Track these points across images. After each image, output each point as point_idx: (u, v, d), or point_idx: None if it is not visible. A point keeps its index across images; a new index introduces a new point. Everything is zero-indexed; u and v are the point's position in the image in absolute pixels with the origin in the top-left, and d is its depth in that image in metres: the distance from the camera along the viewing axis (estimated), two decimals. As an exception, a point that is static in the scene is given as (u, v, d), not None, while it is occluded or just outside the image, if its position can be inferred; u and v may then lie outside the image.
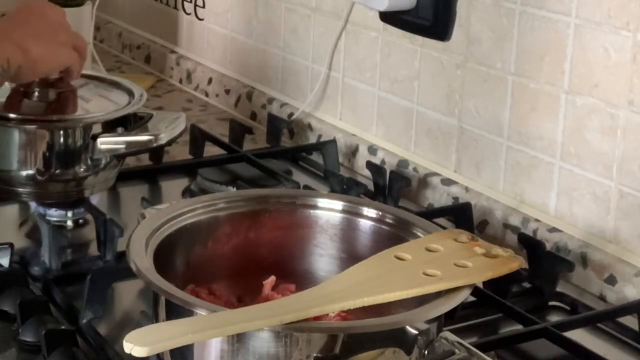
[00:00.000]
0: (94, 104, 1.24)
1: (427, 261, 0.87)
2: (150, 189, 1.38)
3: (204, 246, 0.96)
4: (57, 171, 1.19)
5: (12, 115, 1.18)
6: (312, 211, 0.99)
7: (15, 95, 1.22)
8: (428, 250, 0.89)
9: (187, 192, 1.36)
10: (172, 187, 1.39)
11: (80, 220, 1.25)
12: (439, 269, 0.85)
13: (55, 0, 1.78)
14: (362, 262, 0.87)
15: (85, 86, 1.28)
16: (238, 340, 0.78)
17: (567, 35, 1.18)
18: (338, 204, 0.99)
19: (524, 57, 1.24)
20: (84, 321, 1.01)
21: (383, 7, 1.35)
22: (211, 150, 1.48)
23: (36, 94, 1.21)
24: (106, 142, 1.19)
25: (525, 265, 0.94)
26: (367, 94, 1.49)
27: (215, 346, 0.80)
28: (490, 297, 1.06)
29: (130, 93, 1.27)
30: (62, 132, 1.18)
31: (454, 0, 1.31)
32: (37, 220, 1.20)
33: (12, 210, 1.28)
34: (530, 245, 1.15)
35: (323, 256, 0.99)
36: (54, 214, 1.23)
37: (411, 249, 0.89)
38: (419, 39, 1.38)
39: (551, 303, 1.12)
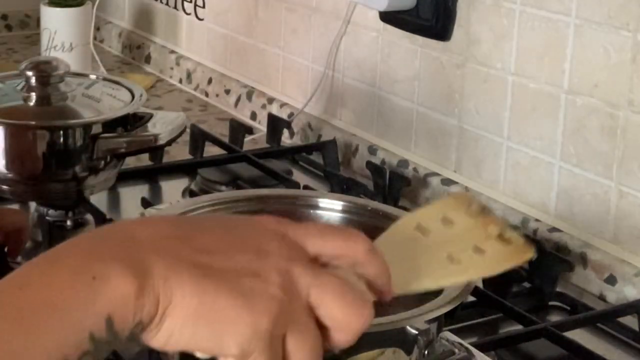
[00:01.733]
0: (104, 104, 1.24)
1: (446, 241, 0.84)
2: (150, 189, 1.38)
3: (204, 246, 0.96)
4: (57, 171, 1.18)
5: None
6: (312, 211, 0.99)
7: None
8: (444, 221, 0.85)
9: (187, 192, 1.35)
10: (172, 187, 1.38)
11: (80, 220, 1.25)
12: (459, 255, 0.81)
13: (56, 0, 1.78)
14: (382, 237, 0.80)
15: (93, 86, 1.27)
16: (238, 340, 0.78)
17: (567, 35, 1.18)
18: (338, 204, 0.99)
19: (524, 57, 1.24)
20: (84, 321, 1.01)
21: (383, 7, 1.35)
22: (211, 150, 1.48)
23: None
24: (106, 142, 1.19)
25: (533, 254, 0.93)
26: (367, 94, 1.49)
27: (215, 346, 0.79)
28: (490, 297, 1.06)
29: (130, 93, 1.27)
30: (62, 132, 1.18)
31: (454, 0, 1.31)
32: (37, 220, 1.20)
33: (12, 210, 1.28)
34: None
35: (323, 256, 0.99)
36: (54, 214, 1.23)
37: (430, 217, 0.85)
38: (419, 39, 1.38)
39: (551, 303, 1.12)
